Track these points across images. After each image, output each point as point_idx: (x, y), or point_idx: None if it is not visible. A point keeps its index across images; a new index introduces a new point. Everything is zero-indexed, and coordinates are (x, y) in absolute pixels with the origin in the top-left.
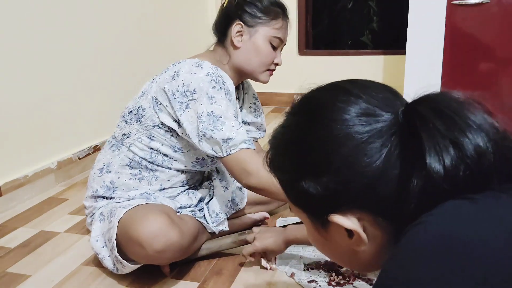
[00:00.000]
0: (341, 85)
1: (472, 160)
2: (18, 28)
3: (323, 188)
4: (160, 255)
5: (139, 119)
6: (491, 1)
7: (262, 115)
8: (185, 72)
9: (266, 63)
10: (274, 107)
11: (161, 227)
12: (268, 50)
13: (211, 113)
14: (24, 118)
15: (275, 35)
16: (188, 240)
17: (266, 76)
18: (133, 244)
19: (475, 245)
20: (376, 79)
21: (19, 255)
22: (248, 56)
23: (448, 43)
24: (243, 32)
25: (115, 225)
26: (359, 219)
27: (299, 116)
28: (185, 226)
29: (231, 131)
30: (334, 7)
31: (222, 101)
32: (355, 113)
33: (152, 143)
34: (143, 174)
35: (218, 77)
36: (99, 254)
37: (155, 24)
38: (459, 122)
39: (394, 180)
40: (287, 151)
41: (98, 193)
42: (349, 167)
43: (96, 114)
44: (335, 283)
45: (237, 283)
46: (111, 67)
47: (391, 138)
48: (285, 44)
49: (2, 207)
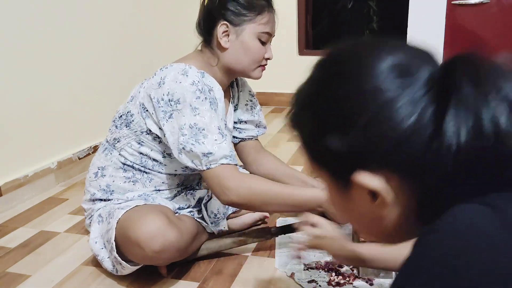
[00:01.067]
0: (372, 40)
1: (488, 139)
2: (18, 28)
3: (348, 145)
4: (158, 255)
5: (128, 124)
6: (491, 1)
7: (260, 112)
8: (171, 80)
9: (257, 61)
10: (274, 107)
11: (159, 227)
12: (258, 47)
13: (193, 125)
14: (24, 118)
15: (263, 31)
16: (187, 240)
17: (258, 72)
18: (132, 244)
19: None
20: None
21: (19, 255)
22: (237, 56)
23: (448, 43)
24: (229, 32)
25: (114, 226)
26: (385, 179)
27: (325, 69)
28: (184, 226)
29: (212, 145)
30: (334, 7)
31: (206, 112)
32: (387, 67)
33: (142, 148)
34: (137, 176)
35: (203, 86)
36: (98, 256)
37: (155, 24)
38: (490, 92)
39: (425, 141)
40: (311, 105)
41: (95, 196)
42: (377, 123)
43: (96, 114)
44: (335, 283)
45: (237, 283)
46: (111, 67)
47: (424, 96)
48: (273, 36)
49: (2, 207)
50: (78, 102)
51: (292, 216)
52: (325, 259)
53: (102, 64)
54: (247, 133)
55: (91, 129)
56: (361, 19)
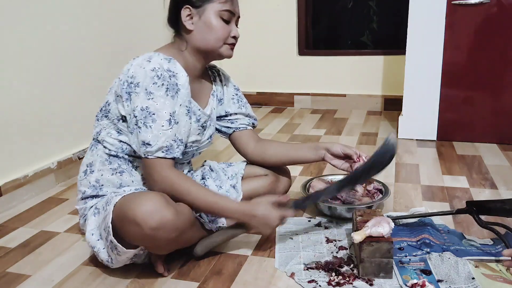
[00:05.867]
0: None
1: None
2: (18, 28)
3: None
4: (155, 232)
5: (106, 114)
6: (491, 1)
7: (247, 105)
8: (135, 65)
9: (222, 38)
10: (274, 107)
11: (156, 205)
12: (220, 25)
13: (144, 109)
14: (24, 118)
15: (223, 9)
16: (184, 221)
17: (227, 50)
18: (129, 223)
19: None
20: (376, 79)
21: (19, 255)
22: (203, 36)
23: (448, 43)
24: (193, 14)
25: (111, 210)
26: None
27: None
28: (180, 209)
29: (158, 131)
30: (334, 7)
31: (160, 98)
32: None
33: (121, 137)
34: (123, 167)
35: (163, 72)
36: (95, 248)
37: (155, 24)
38: None
39: None
40: None
41: (86, 194)
42: None
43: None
44: (335, 283)
45: (237, 283)
46: (111, 67)
47: None
48: (238, 16)
49: (2, 207)
50: (78, 102)
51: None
52: (325, 259)
53: (103, 64)
54: (239, 122)
55: (91, 129)
56: (361, 19)
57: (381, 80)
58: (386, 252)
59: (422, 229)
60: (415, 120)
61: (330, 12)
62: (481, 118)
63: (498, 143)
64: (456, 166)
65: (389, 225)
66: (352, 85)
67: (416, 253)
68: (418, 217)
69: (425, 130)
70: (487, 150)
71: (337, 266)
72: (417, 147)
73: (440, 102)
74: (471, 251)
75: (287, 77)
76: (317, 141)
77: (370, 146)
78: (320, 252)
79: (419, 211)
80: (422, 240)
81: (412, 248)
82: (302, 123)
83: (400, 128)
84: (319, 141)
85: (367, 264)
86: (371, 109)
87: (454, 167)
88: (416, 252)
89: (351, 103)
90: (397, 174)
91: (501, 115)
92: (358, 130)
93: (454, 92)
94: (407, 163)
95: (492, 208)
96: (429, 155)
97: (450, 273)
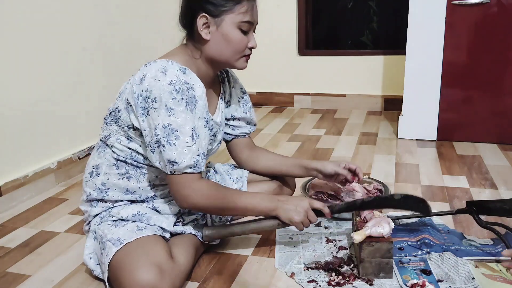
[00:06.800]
0: None
1: None
2: (18, 28)
3: None
4: None
5: (116, 120)
6: (491, 1)
7: (252, 110)
8: (150, 77)
9: (239, 51)
10: (274, 107)
11: (150, 281)
12: (239, 37)
13: (166, 126)
14: (24, 118)
15: (243, 20)
16: (180, 283)
17: (243, 62)
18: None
19: None
20: (376, 79)
21: (19, 255)
22: (219, 47)
23: (448, 43)
24: (209, 23)
25: (107, 267)
26: None
27: None
28: (178, 270)
29: (183, 148)
30: (334, 7)
31: (181, 114)
32: None
33: (131, 144)
34: (131, 172)
35: (181, 85)
36: (94, 271)
37: (154, 25)
38: None
39: None
40: None
41: (91, 196)
42: None
43: (96, 114)
44: (335, 283)
45: (237, 283)
46: (111, 67)
47: None
48: (257, 23)
49: (2, 207)
50: (78, 102)
51: None
52: (325, 259)
53: (103, 64)
54: (240, 130)
55: (90, 129)
56: (361, 19)
57: (381, 80)
58: (386, 252)
59: (422, 229)
60: (415, 120)
61: (330, 12)
62: (481, 118)
63: (498, 143)
64: (456, 166)
65: (389, 225)
66: (352, 85)
67: (416, 253)
68: (418, 217)
69: (425, 130)
70: (487, 150)
71: (337, 266)
72: (417, 147)
73: (440, 102)
74: (471, 251)
75: (287, 77)
76: (316, 141)
77: (370, 146)
78: (320, 252)
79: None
80: (422, 240)
81: (412, 248)
82: (302, 123)
83: (400, 128)
84: (318, 141)
85: (367, 264)
86: (371, 109)
87: (454, 167)
88: (416, 252)
89: (351, 103)
90: (397, 174)
91: (501, 115)
92: (358, 130)
93: (454, 92)
94: (407, 163)
95: (492, 208)
96: (429, 155)
97: (450, 273)
